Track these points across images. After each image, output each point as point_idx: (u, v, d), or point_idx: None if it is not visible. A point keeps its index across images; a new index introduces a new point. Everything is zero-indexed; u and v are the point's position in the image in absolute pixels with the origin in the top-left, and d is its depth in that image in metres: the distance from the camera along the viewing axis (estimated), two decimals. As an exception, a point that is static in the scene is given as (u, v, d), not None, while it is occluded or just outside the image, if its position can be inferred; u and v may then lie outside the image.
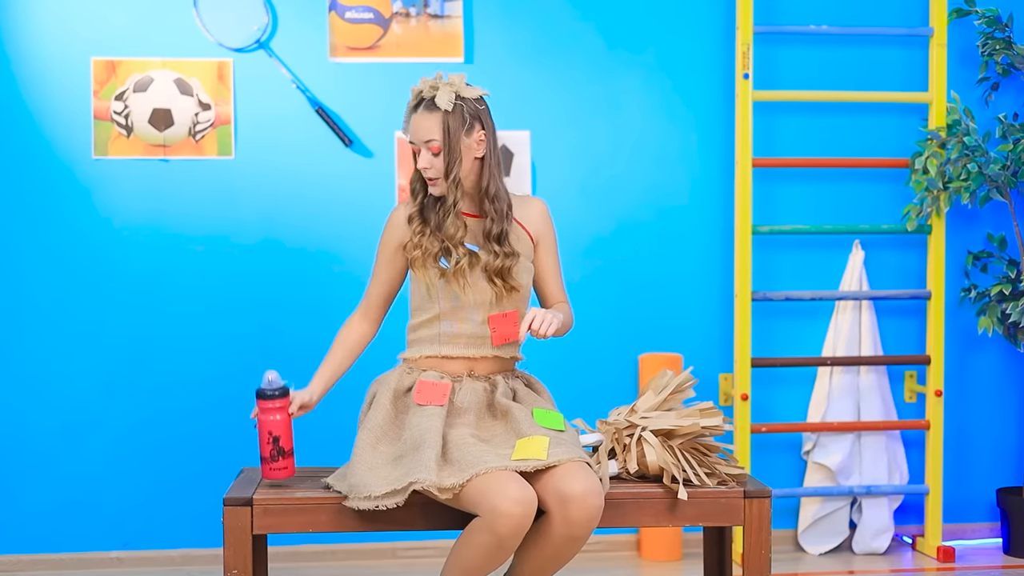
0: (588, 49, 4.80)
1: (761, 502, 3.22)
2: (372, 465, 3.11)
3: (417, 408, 3.18)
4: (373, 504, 3.03)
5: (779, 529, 4.89)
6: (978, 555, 4.86)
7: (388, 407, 3.23)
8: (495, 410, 3.25)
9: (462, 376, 3.26)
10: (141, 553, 4.69)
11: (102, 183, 4.63)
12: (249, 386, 4.48)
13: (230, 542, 3.14)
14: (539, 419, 3.18)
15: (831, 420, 4.84)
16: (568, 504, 2.98)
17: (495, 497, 2.93)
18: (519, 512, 2.93)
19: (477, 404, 3.23)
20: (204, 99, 4.63)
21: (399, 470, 3.05)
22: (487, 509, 2.93)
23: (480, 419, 3.22)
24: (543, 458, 3.03)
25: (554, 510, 3.00)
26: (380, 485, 3.03)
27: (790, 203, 4.90)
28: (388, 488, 3.01)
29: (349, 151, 4.71)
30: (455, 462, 3.04)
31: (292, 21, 4.67)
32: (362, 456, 3.14)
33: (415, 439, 3.08)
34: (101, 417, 4.66)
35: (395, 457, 3.11)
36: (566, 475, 3.01)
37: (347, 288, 4.68)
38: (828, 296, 4.85)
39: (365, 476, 3.07)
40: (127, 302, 4.66)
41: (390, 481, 3.03)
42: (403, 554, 4.75)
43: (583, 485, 2.99)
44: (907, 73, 4.92)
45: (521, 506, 2.93)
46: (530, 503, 2.95)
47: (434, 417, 3.13)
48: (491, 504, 2.93)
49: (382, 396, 3.26)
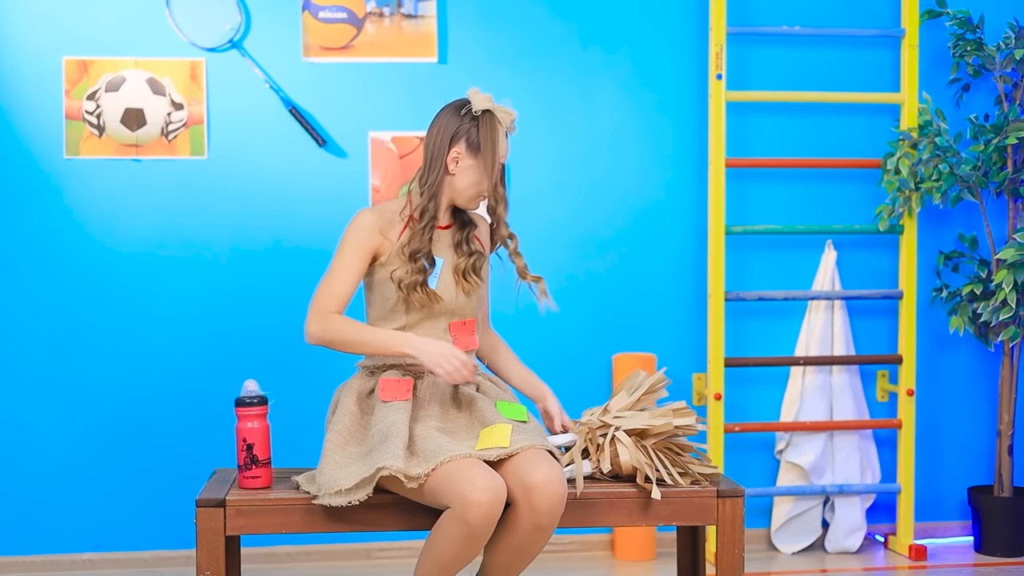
0: (562, 49, 4.81)
1: (734, 501, 3.23)
2: (342, 463, 3.12)
3: (382, 404, 3.19)
4: (344, 500, 3.02)
5: (752, 528, 4.91)
6: (949, 553, 4.88)
7: (354, 409, 3.24)
8: (459, 401, 3.27)
9: (424, 372, 3.26)
10: (113, 555, 4.67)
11: (74, 183, 4.61)
12: (223, 387, 4.49)
13: (203, 543, 3.13)
14: (503, 411, 3.21)
15: (804, 419, 4.86)
16: (531, 492, 2.99)
17: (463, 486, 2.93)
18: (488, 499, 2.93)
19: (441, 396, 3.25)
20: (177, 99, 4.61)
21: (367, 463, 3.06)
22: (457, 499, 2.94)
23: (445, 411, 3.24)
24: (506, 446, 3.05)
25: (518, 499, 3.01)
26: (350, 479, 3.04)
27: (763, 203, 4.92)
28: (357, 479, 3.01)
29: (323, 151, 4.71)
30: (420, 453, 3.05)
31: (265, 21, 4.66)
32: (332, 457, 3.14)
33: (382, 432, 3.09)
34: (72, 417, 4.64)
35: (364, 453, 3.12)
36: (528, 464, 3.02)
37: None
38: (801, 296, 4.86)
39: (335, 473, 3.08)
40: (99, 302, 4.64)
41: (359, 473, 3.04)
42: (377, 555, 4.75)
43: (545, 473, 3.00)
44: (879, 74, 4.94)
45: (490, 493, 2.94)
46: (499, 490, 2.96)
47: (400, 411, 3.14)
48: (460, 493, 2.93)
49: (347, 399, 3.27)
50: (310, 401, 4.35)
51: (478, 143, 3.24)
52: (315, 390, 4.42)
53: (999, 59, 4.73)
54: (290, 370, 4.61)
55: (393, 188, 4.69)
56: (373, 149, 4.70)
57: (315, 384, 4.52)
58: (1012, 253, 4.60)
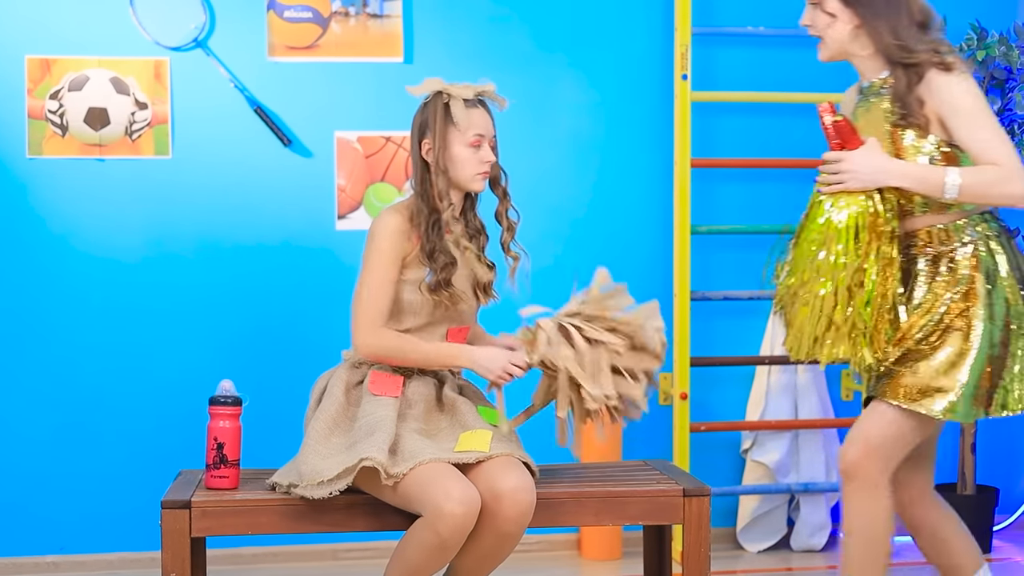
0: (528, 49, 4.81)
1: (700, 500, 3.25)
2: (326, 454, 3.10)
3: (371, 397, 3.18)
4: (326, 491, 3.01)
5: (718, 527, 4.92)
6: (912, 550, 4.88)
7: (341, 398, 3.22)
8: (442, 404, 3.27)
9: (412, 371, 3.27)
10: (77, 557, 4.64)
11: (37, 183, 4.58)
12: (188, 388, 4.47)
13: (168, 545, 3.12)
14: (484, 416, 3.22)
15: (769, 419, 4.88)
16: (500, 500, 3.00)
17: (437, 496, 2.93)
18: (462, 512, 2.93)
19: (427, 397, 3.25)
20: (141, 98, 4.59)
21: (351, 453, 3.05)
22: (430, 508, 2.94)
23: (428, 412, 3.24)
24: (486, 450, 3.05)
25: (487, 505, 3.01)
26: (332, 468, 3.02)
27: (729, 203, 4.94)
28: (340, 468, 3.00)
29: (288, 151, 4.69)
30: (398, 452, 3.05)
31: (230, 20, 4.64)
32: (315, 447, 3.12)
33: (370, 425, 3.09)
34: (36, 418, 4.60)
35: (349, 445, 3.11)
36: (498, 471, 3.03)
37: (285, 287, 4.67)
38: (766, 295, 4.87)
39: (318, 464, 3.06)
40: (62, 303, 4.61)
41: (342, 462, 3.02)
42: (344, 555, 4.73)
43: (515, 481, 3.01)
44: (844, 74, 4.96)
45: (464, 505, 2.94)
46: (473, 502, 2.96)
47: (388, 407, 3.14)
48: (434, 503, 2.93)
49: (335, 387, 3.24)
50: (277, 403, 4.34)
51: (441, 126, 3.24)
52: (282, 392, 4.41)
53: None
54: (257, 371, 4.59)
55: (359, 188, 4.68)
56: (339, 149, 4.69)
57: (282, 386, 4.51)
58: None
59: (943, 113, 3.14)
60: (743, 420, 4.94)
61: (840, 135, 3.17)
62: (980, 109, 3.13)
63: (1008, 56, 4.71)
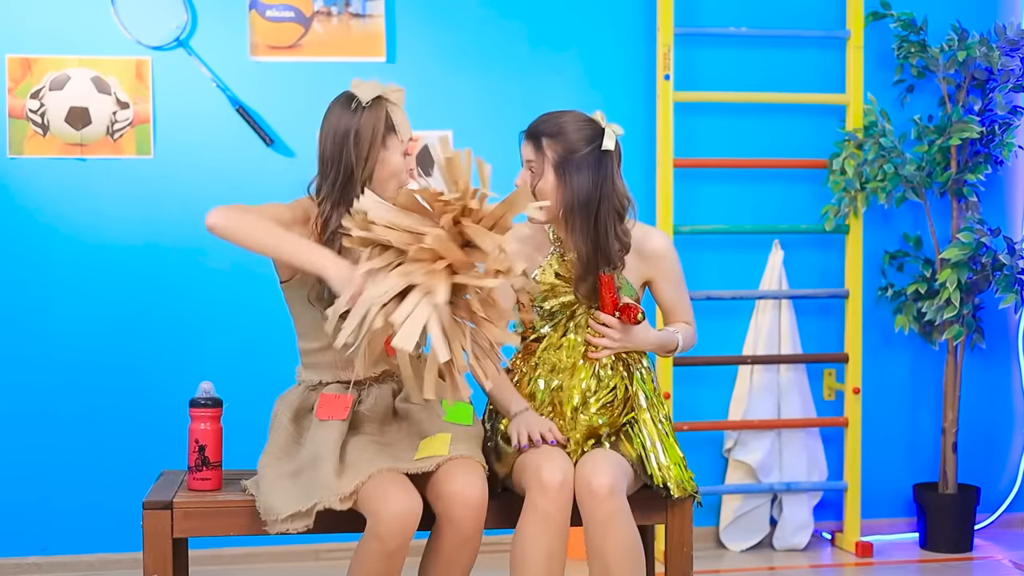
0: (510, 49, 4.81)
1: (683, 501, 3.25)
2: (276, 485, 3.05)
3: (318, 423, 3.12)
4: (284, 528, 2.98)
5: (700, 526, 4.93)
6: (895, 550, 4.93)
7: (288, 427, 3.18)
8: (398, 416, 3.21)
9: (367, 382, 3.20)
10: (59, 558, 4.62)
11: (18, 182, 4.56)
12: (170, 388, 4.46)
13: (150, 546, 3.11)
14: (448, 413, 3.16)
15: (752, 418, 4.89)
16: (449, 502, 2.98)
17: (376, 502, 2.91)
18: (399, 513, 2.90)
19: (384, 410, 3.18)
20: (122, 98, 4.57)
21: (299, 487, 3.01)
22: (371, 516, 2.93)
23: (383, 425, 3.18)
24: (445, 454, 3.02)
25: (438, 511, 3.01)
26: (286, 506, 2.97)
27: (711, 203, 4.94)
28: (294, 509, 2.96)
29: (270, 150, 4.68)
30: (351, 465, 3.01)
31: (212, 19, 4.63)
32: (266, 476, 3.08)
33: (313, 453, 3.04)
34: (16, 419, 4.59)
35: (294, 471, 3.06)
36: (446, 474, 3.00)
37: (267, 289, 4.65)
38: (748, 295, 4.90)
39: (271, 499, 3.01)
40: (44, 302, 4.59)
41: (294, 499, 2.98)
42: (325, 556, 4.73)
43: (461, 482, 2.98)
44: (825, 75, 4.98)
45: (401, 506, 2.91)
46: (411, 504, 2.92)
47: (333, 430, 3.08)
48: (373, 509, 2.92)
49: (282, 416, 3.20)
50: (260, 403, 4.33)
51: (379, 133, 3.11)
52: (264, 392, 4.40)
53: (942, 61, 4.78)
54: (239, 372, 4.58)
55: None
56: (321, 149, 4.67)
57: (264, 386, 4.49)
58: (955, 252, 4.66)
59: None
60: (726, 420, 4.95)
61: (624, 312, 3.29)
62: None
63: (989, 57, 4.73)
